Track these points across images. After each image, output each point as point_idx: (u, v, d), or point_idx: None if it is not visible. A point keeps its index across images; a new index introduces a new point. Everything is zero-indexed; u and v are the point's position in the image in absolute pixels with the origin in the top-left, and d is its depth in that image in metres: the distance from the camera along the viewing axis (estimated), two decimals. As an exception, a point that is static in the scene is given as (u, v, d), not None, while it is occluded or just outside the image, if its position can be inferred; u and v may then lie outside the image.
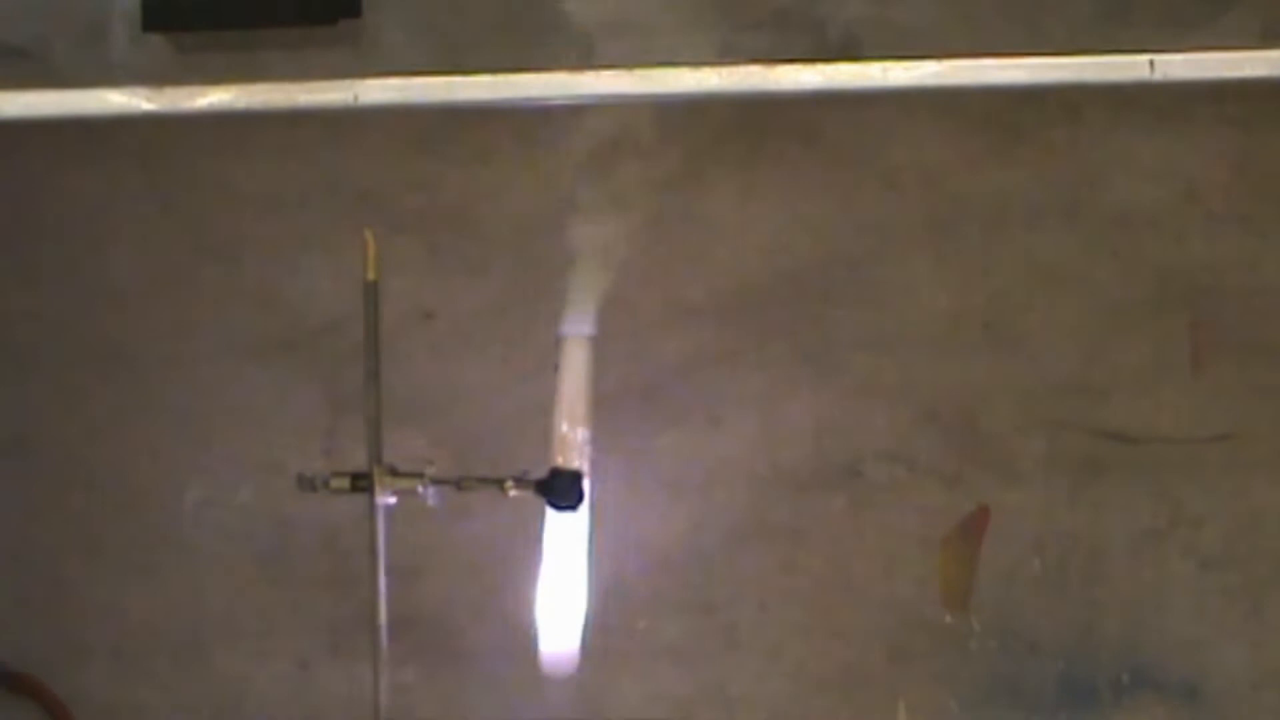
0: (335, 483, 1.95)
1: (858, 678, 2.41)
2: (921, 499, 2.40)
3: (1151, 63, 1.80)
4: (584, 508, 2.09)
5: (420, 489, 1.94)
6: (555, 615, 2.29)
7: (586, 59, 1.84)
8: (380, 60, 1.84)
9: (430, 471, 1.95)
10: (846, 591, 2.41)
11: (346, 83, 1.83)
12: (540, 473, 2.02)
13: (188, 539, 2.46)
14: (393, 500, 1.94)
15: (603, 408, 2.37)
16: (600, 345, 2.39)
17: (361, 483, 1.94)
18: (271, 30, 1.82)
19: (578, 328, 2.39)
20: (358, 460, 1.96)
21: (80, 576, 2.47)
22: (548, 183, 2.40)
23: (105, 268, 2.46)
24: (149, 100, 1.86)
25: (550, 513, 2.17)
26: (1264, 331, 2.36)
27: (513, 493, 1.97)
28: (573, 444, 2.32)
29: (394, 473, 1.94)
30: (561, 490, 2.01)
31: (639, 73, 1.84)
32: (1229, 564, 2.37)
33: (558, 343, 2.38)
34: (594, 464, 2.35)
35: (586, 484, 2.07)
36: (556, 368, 2.37)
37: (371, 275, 1.92)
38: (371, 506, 1.93)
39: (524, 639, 2.34)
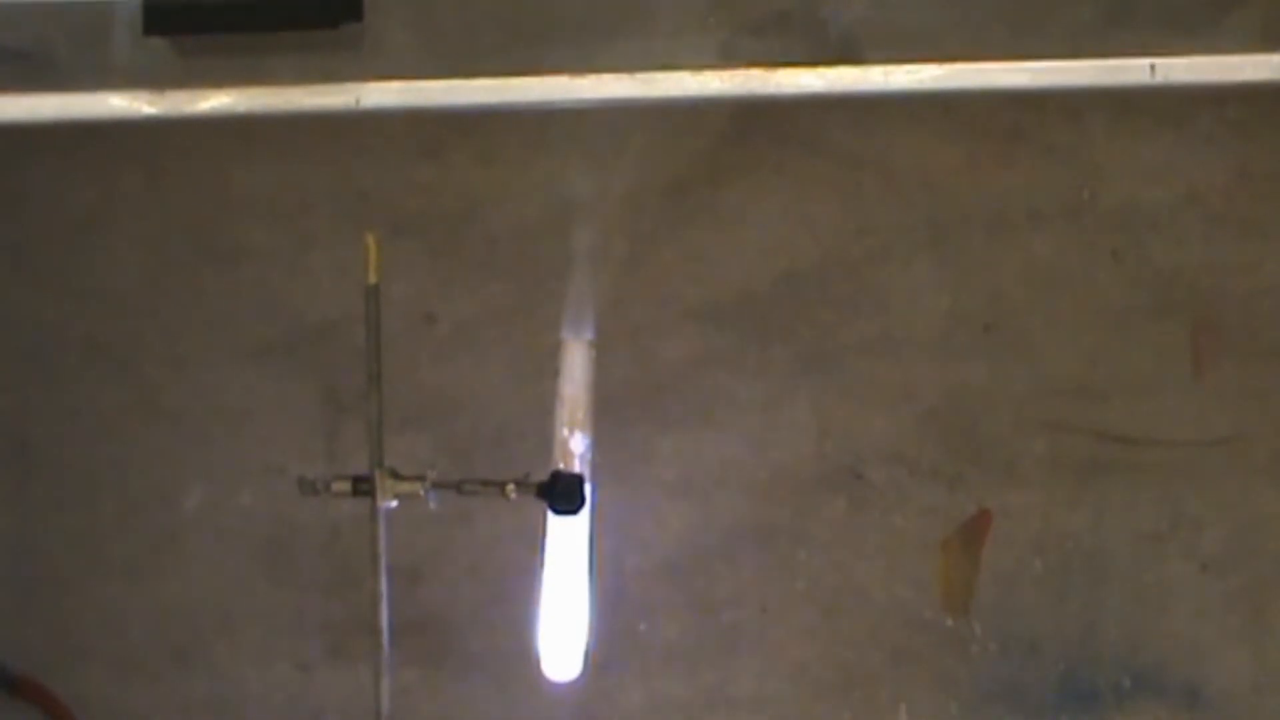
0: (337, 486, 1.95)
1: (859, 680, 2.41)
2: (922, 501, 2.41)
3: (1152, 66, 1.79)
4: (585, 511, 2.09)
5: (422, 492, 1.94)
6: (556, 618, 2.29)
7: (588, 62, 1.83)
8: (382, 64, 1.84)
9: (432, 475, 1.95)
10: (847, 594, 2.42)
11: (349, 86, 1.83)
12: (542, 476, 2.01)
13: (188, 541, 2.46)
14: (394, 503, 1.94)
15: (604, 411, 2.37)
16: (601, 349, 2.39)
17: (363, 486, 1.94)
18: (273, 34, 1.82)
19: (579, 331, 2.39)
20: (359, 463, 1.95)
21: (81, 579, 2.47)
22: (550, 186, 2.40)
23: (106, 271, 2.46)
24: (150, 104, 1.86)
25: (551, 516, 2.17)
26: (1265, 334, 2.37)
27: (514, 496, 1.97)
28: (574, 447, 2.33)
29: (395, 476, 1.93)
30: (563, 494, 2.01)
31: (640, 76, 1.84)
32: (1230, 567, 2.38)
33: (559, 347, 2.38)
34: (595, 467, 2.35)
35: (588, 487, 2.07)
36: (558, 372, 2.37)
37: (373, 278, 1.92)
38: (373, 510, 1.93)
39: (525, 642, 2.34)
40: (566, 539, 2.27)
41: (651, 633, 2.43)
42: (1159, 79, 1.79)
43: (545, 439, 2.35)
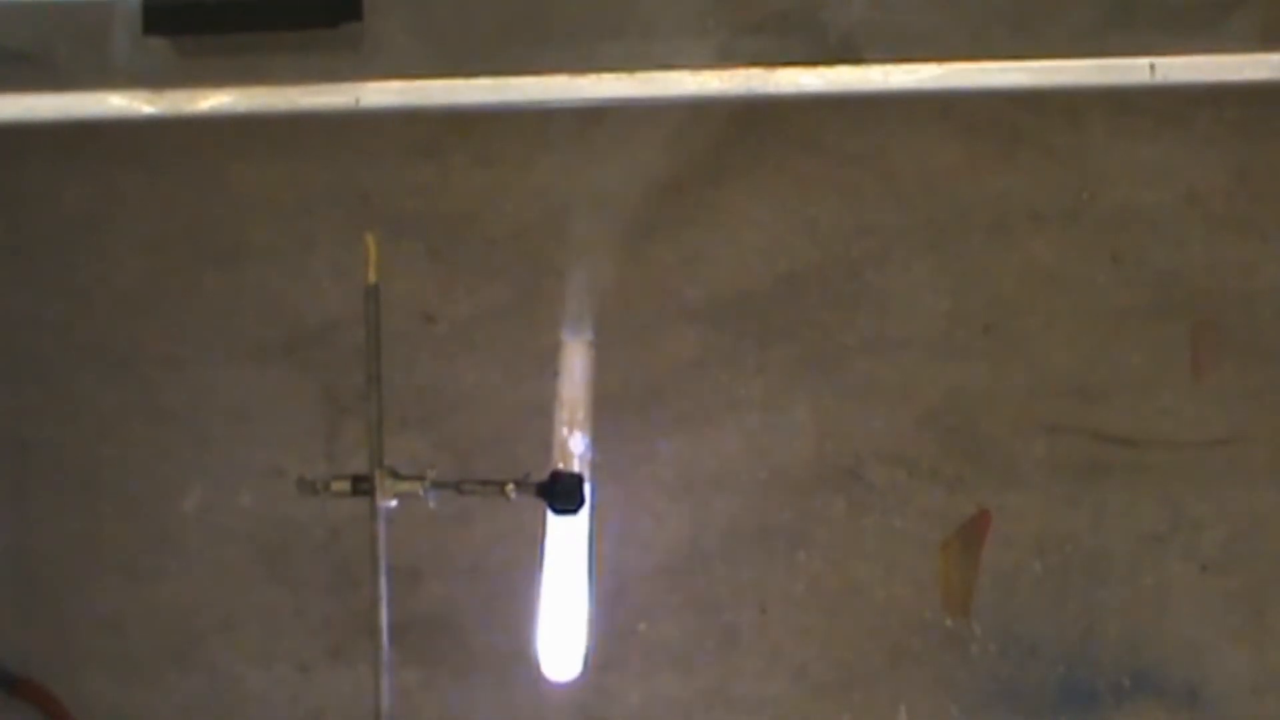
0: (336, 486, 1.95)
1: (858, 681, 2.41)
2: (922, 502, 2.40)
3: (1152, 66, 1.79)
4: (585, 511, 2.09)
5: (421, 492, 1.94)
6: (556, 618, 2.29)
7: (588, 62, 1.83)
8: (382, 63, 1.84)
9: (431, 474, 1.95)
10: (847, 595, 2.41)
11: (348, 86, 1.83)
12: (541, 476, 2.01)
13: (188, 542, 2.46)
14: (394, 503, 1.94)
15: (603, 411, 2.37)
16: (601, 349, 2.39)
17: (363, 486, 1.94)
18: (273, 33, 1.82)
19: (578, 332, 2.39)
20: (359, 463, 1.95)
21: (81, 580, 2.47)
22: (549, 186, 2.40)
23: (106, 271, 2.46)
24: (150, 103, 1.86)
25: (551, 516, 2.17)
26: (1265, 335, 2.37)
27: (514, 496, 1.97)
28: (573, 447, 2.33)
29: (395, 476, 1.94)
30: (563, 493, 2.01)
31: (640, 76, 1.84)
32: (1230, 568, 2.38)
33: (558, 347, 2.38)
34: (594, 467, 2.35)
35: (587, 487, 2.07)
36: (557, 372, 2.37)
37: (373, 278, 1.92)
38: (373, 509, 1.93)
39: (525, 642, 2.34)
40: (566, 539, 2.27)
41: (651, 633, 2.42)
42: (1159, 79, 1.80)
43: (545, 439, 2.35)
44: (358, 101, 1.84)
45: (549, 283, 2.40)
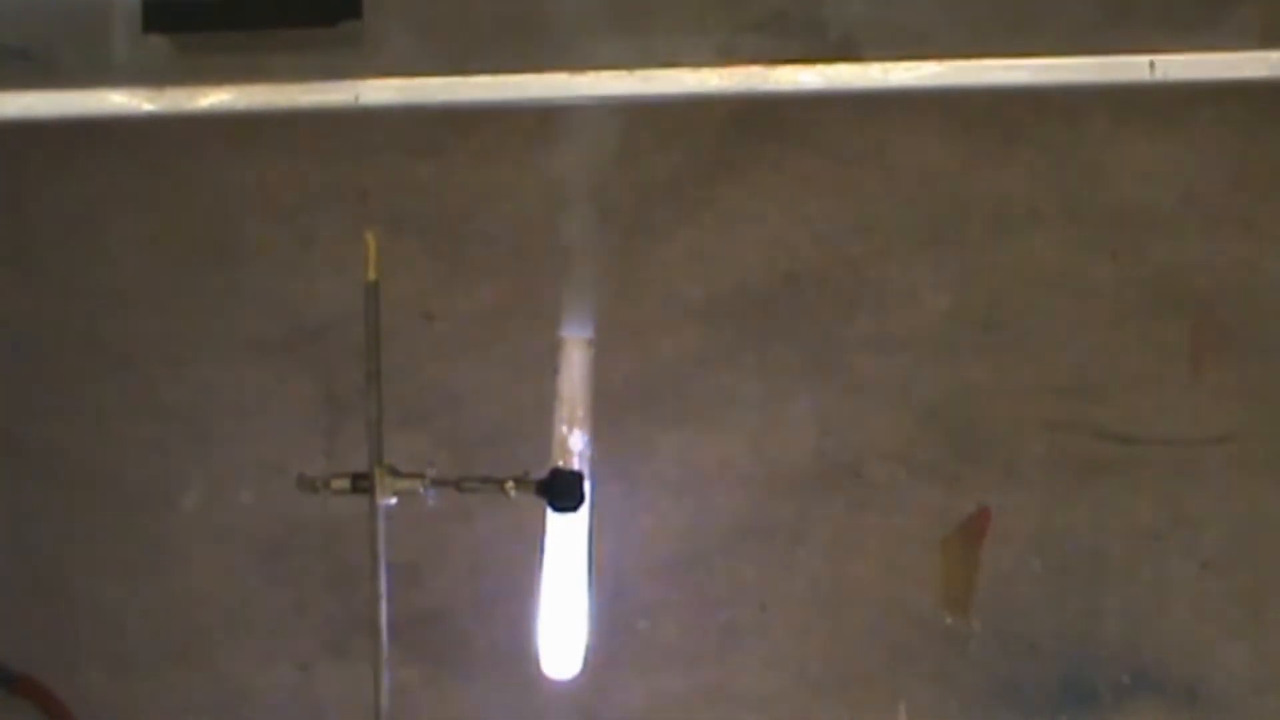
0: (336, 483, 1.95)
1: (858, 678, 2.41)
2: (922, 500, 2.41)
3: (1151, 64, 1.79)
4: (584, 508, 2.09)
5: (421, 490, 1.94)
6: (556, 616, 2.29)
7: (588, 60, 1.83)
8: (381, 61, 1.84)
9: (431, 472, 1.95)
10: (846, 592, 2.42)
11: (348, 84, 1.83)
12: (541, 474, 2.02)
13: (188, 540, 2.46)
14: (393, 501, 1.94)
15: (603, 409, 2.37)
16: (601, 346, 2.39)
17: (362, 483, 1.94)
18: (272, 31, 1.82)
19: (578, 329, 2.39)
20: (358, 461, 1.96)
21: (80, 577, 2.47)
22: (549, 184, 2.40)
23: (106, 268, 2.46)
24: (150, 101, 1.86)
25: (551, 514, 2.17)
26: (1264, 333, 2.37)
27: (514, 494, 1.97)
28: (573, 445, 2.33)
29: (395, 473, 1.94)
30: (562, 491, 2.01)
31: (640, 74, 1.84)
32: (1229, 566, 2.38)
33: (558, 344, 2.38)
34: (594, 465, 2.35)
35: (587, 485, 2.07)
36: (557, 369, 2.37)
37: (372, 276, 1.92)
38: (372, 507, 1.93)
39: (525, 639, 2.34)
40: (566, 536, 2.27)
41: (651, 630, 2.43)
42: (1158, 76, 1.79)
43: (544, 436, 2.34)
44: (357, 99, 1.84)
45: (548, 280, 2.40)
